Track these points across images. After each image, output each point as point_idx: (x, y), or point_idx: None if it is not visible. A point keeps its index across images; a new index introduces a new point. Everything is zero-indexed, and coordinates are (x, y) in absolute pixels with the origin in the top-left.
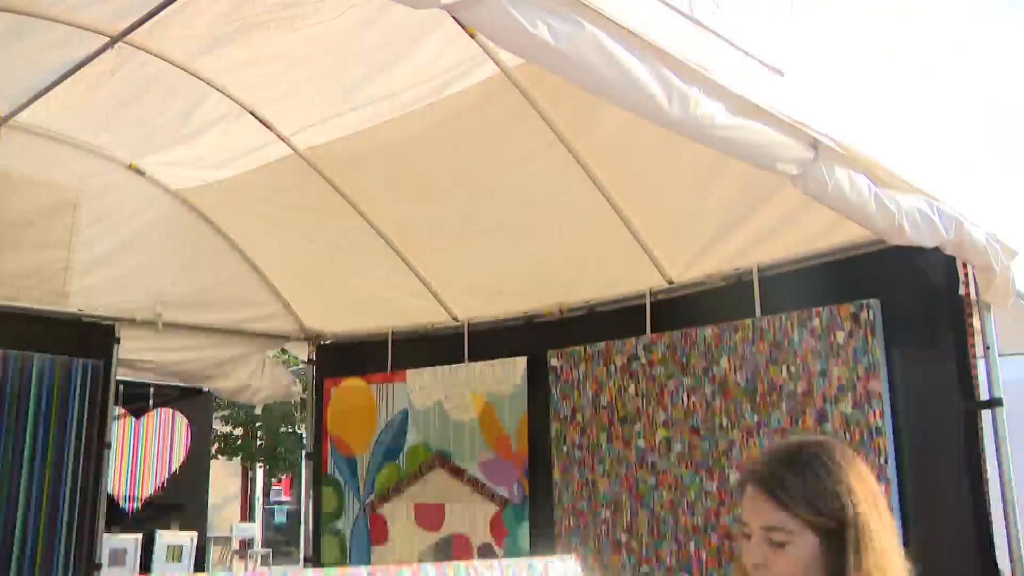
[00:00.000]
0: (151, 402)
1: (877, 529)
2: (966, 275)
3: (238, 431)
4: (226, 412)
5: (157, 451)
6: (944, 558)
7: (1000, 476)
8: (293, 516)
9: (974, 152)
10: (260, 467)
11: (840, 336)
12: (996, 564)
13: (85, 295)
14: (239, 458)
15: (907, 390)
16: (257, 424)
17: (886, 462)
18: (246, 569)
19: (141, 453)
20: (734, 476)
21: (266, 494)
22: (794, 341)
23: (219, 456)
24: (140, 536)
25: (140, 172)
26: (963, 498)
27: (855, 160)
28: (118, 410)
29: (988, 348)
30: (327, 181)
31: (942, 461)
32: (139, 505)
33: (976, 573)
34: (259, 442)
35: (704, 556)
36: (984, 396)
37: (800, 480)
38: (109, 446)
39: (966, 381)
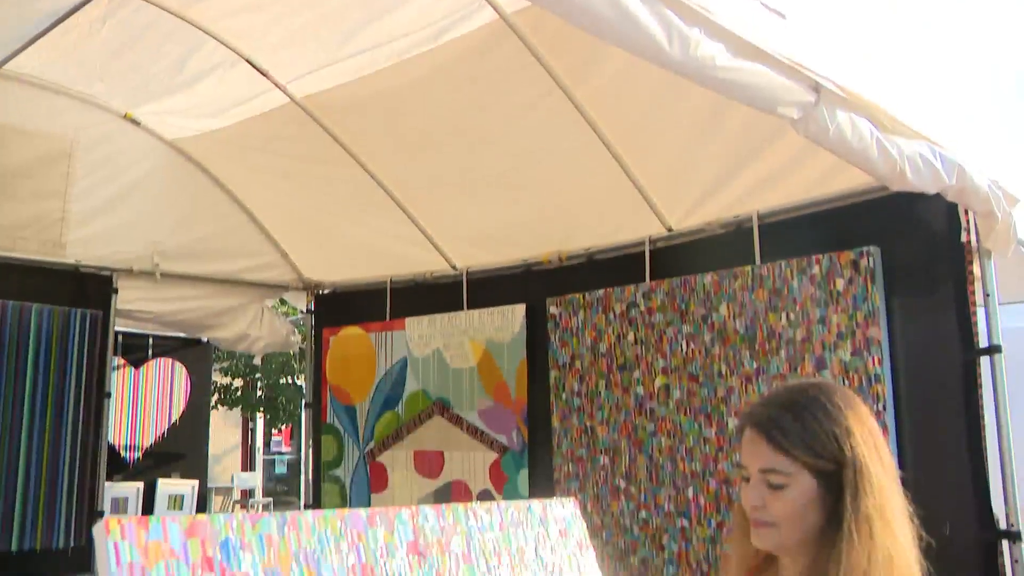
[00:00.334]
0: (150, 352)
1: (876, 471)
2: (967, 222)
3: (238, 382)
4: (226, 363)
5: (157, 401)
6: (940, 503)
7: (997, 422)
8: (293, 466)
9: (975, 105)
10: (260, 418)
11: (840, 283)
12: (991, 509)
13: (82, 246)
14: (239, 409)
15: (906, 337)
16: (257, 375)
17: (884, 409)
18: None
19: (141, 403)
20: (733, 423)
21: (266, 445)
22: (793, 288)
23: (219, 407)
24: (141, 485)
25: (135, 122)
26: (960, 444)
27: (857, 104)
28: (117, 360)
29: (988, 295)
30: (325, 130)
31: (940, 408)
32: (140, 455)
33: (971, 517)
34: (259, 393)
35: (702, 502)
36: (983, 343)
37: (797, 422)
38: (109, 396)
39: (965, 328)
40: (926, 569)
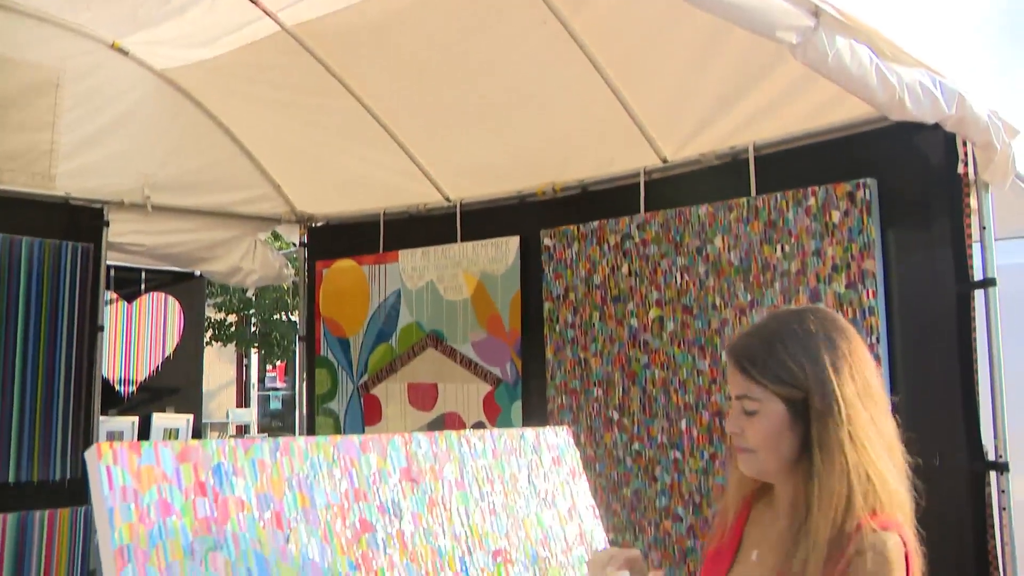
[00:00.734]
0: (143, 287)
1: (847, 396)
2: (965, 154)
3: (232, 318)
4: (219, 299)
5: (150, 335)
6: (931, 434)
7: (990, 356)
8: (288, 402)
9: (976, 39)
10: (255, 354)
11: (835, 215)
12: (981, 441)
13: (72, 178)
14: (233, 345)
15: (901, 270)
16: (251, 311)
17: (878, 341)
18: None
19: (134, 337)
20: (726, 352)
21: (261, 381)
22: (789, 220)
23: (213, 343)
24: (136, 419)
25: (123, 52)
26: (952, 377)
27: (857, 30)
28: (110, 295)
29: (984, 229)
30: (317, 60)
31: (934, 341)
32: (134, 389)
33: (961, 450)
34: (253, 329)
35: (695, 433)
36: (978, 277)
37: (764, 349)
38: (102, 329)
39: (961, 261)
40: (920, 493)
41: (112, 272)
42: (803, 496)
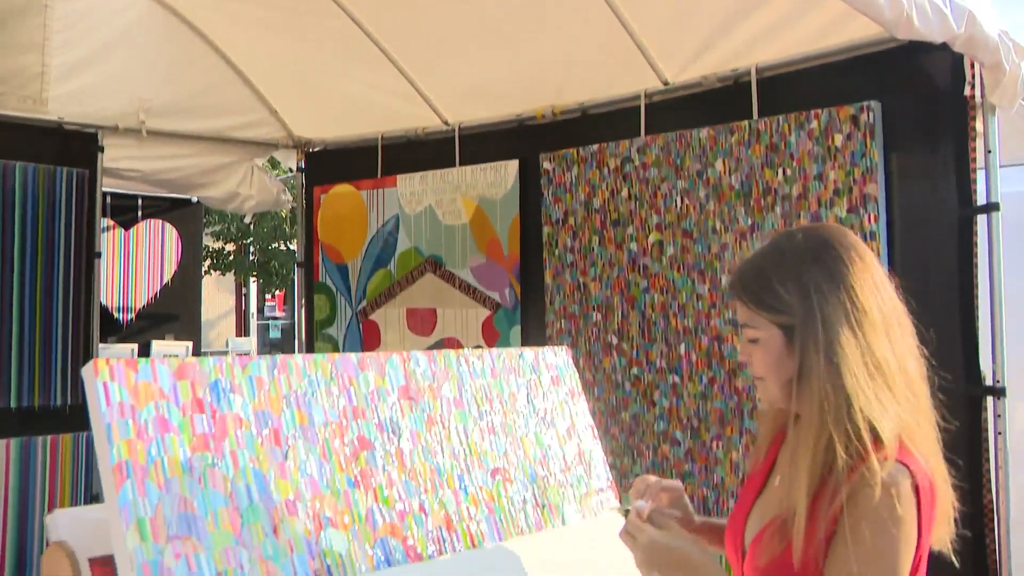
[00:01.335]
0: (140, 214)
1: (831, 320)
2: (973, 76)
3: (230, 247)
4: (217, 227)
5: (148, 262)
6: (929, 361)
7: (990, 281)
8: (287, 331)
9: None
10: (253, 283)
11: (838, 139)
12: (979, 365)
13: (65, 102)
14: (232, 274)
15: (904, 194)
16: (249, 240)
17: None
18: None
19: (132, 264)
20: (726, 279)
21: (260, 311)
22: (791, 144)
23: (212, 272)
24: (136, 346)
25: None
26: (952, 302)
27: None
28: (107, 222)
29: (990, 152)
30: None
31: (935, 265)
32: (133, 316)
33: (959, 376)
34: (251, 258)
35: (694, 358)
36: (981, 202)
37: (756, 276)
38: (99, 256)
39: (964, 186)
40: (939, 423)
41: (108, 199)
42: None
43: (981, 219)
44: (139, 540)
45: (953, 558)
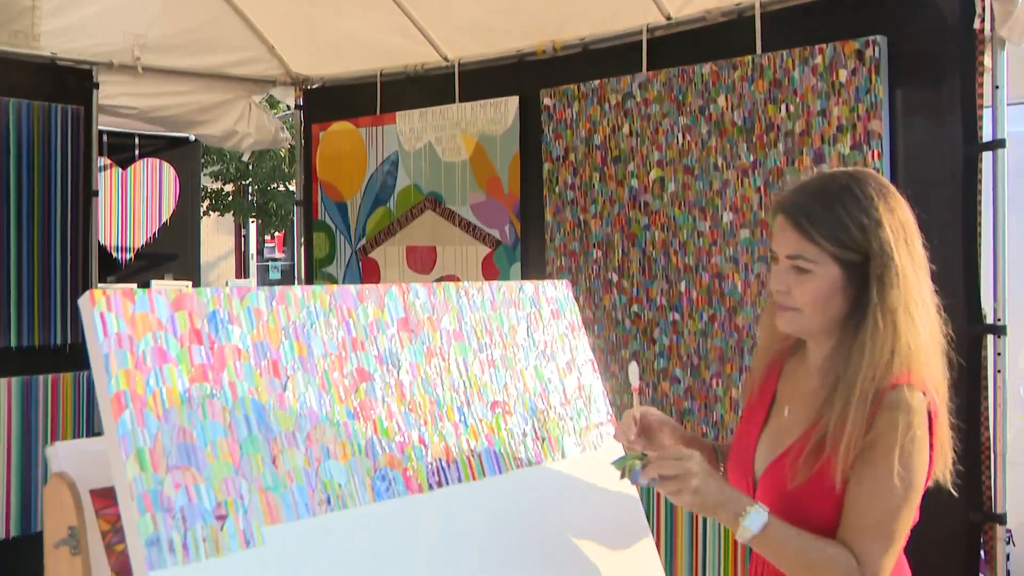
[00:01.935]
0: (137, 152)
1: (904, 265)
2: (983, 8)
3: (228, 187)
4: (216, 167)
5: (146, 201)
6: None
7: (994, 219)
8: (287, 272)
9: None
10: (253, 224)
11: (843, 74)
12: (980, 304)
13: (58, 38)
14: (231, 215)
15: (908, 131)
16: (247, 180)
17: None
18: None
19: (130, 204)
20: (728, 216)
21: (259, 252)
22: (794, 79)
23: (210, 213)
24: (135, 286)
25: None
26: (955, 240)
27: None
28: (103, 160)
29: (997, 88)
30: None
31: (938, 203)
32: (132, 256)
33: (960, 312)
34: (250, 198)
35: (694, 295)
36: (987, 138)
37: (826, 210)
38: (96, 194)
39: (970, 123)
40: (953, 361)
41: (105, 138)
42: (840, 356)
43: (986, 157)
44: (139, 470)
45: (951, 489)
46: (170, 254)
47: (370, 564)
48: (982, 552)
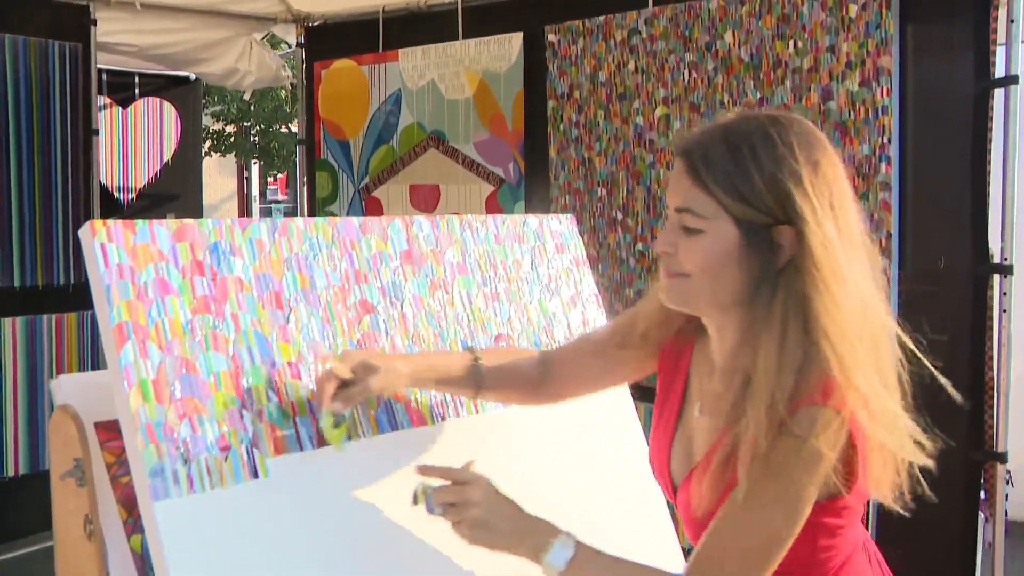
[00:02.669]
0: (137, 92)
1: (826, 236)
2: None
3: (230, 128)
4: (217, 108)
5: (147, 141)
6: (938, 236)
7: (1004, 156)
8: (290, 214)
9: None
10: (255, 166)
11: (853, 9)
12: (987, 243)
13: None
14: (233, 157)
15: (919, 67)
16: (249, 121)
17: (889, 141)
18: None
19: (131, 143)
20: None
21: (262, 194)
22: (803, 15)
23: (212, 154)
24: None
25: None
26: (964, 178)
27: None
28: (103, 100)
29: (1012, 22)
30: None
31: (947, 140)
32: (133, 196)
33: (966, 251)
34: (252, 139)
35: None
36: (1000, 75)
37: (729, 154)
38: (96, 133)
39: (983, 59)
40: (903, 359)
41: (104, 76)
42: (745, 356)
43: (998, 94)
44: (142, 401)
45: (903, 512)
46: (172, 195)
47: (373, 496)
48: (982, 491)
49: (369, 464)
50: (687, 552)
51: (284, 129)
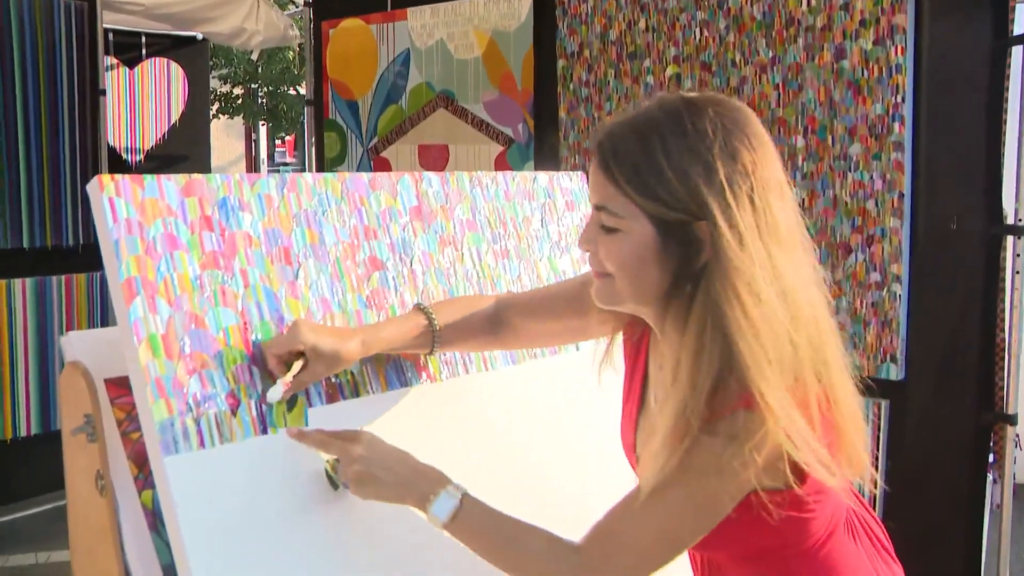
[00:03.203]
0: (144, 52)
1: (745, 236)
2: None
3: (238, 90)
4: (224, 70)
5: (155, 101)
6: (951, 196)
7: (1020, 116)
8: None
9: None
10: (263, 128)
11: None
12: (1001, 204)
13: None
14: (241, 119)
15: (935, 25)
16: (256, 84)
17: (903, 100)
18: None
19: (138, 104)
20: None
21: (270, 156)
22: None
23: (220, 116)
24: None
25: None
26: (978, 138)
27: None
28: (110, 60)
29: None
30: None
31: (962, 100)
32: (141, 157)
33: (980, 211)
34: (260, 101)
35: None
36: (1018, 32)
37: (640, 148)
38: (104, 93)
39: (1001, 15)
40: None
41: (111, 36)
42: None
43: (1015, 52)
44: (151, 356)
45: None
46: (180, 156)
47: None
48: (991, 454)
49: (376, 419)
50: None
51: (292, 91)
